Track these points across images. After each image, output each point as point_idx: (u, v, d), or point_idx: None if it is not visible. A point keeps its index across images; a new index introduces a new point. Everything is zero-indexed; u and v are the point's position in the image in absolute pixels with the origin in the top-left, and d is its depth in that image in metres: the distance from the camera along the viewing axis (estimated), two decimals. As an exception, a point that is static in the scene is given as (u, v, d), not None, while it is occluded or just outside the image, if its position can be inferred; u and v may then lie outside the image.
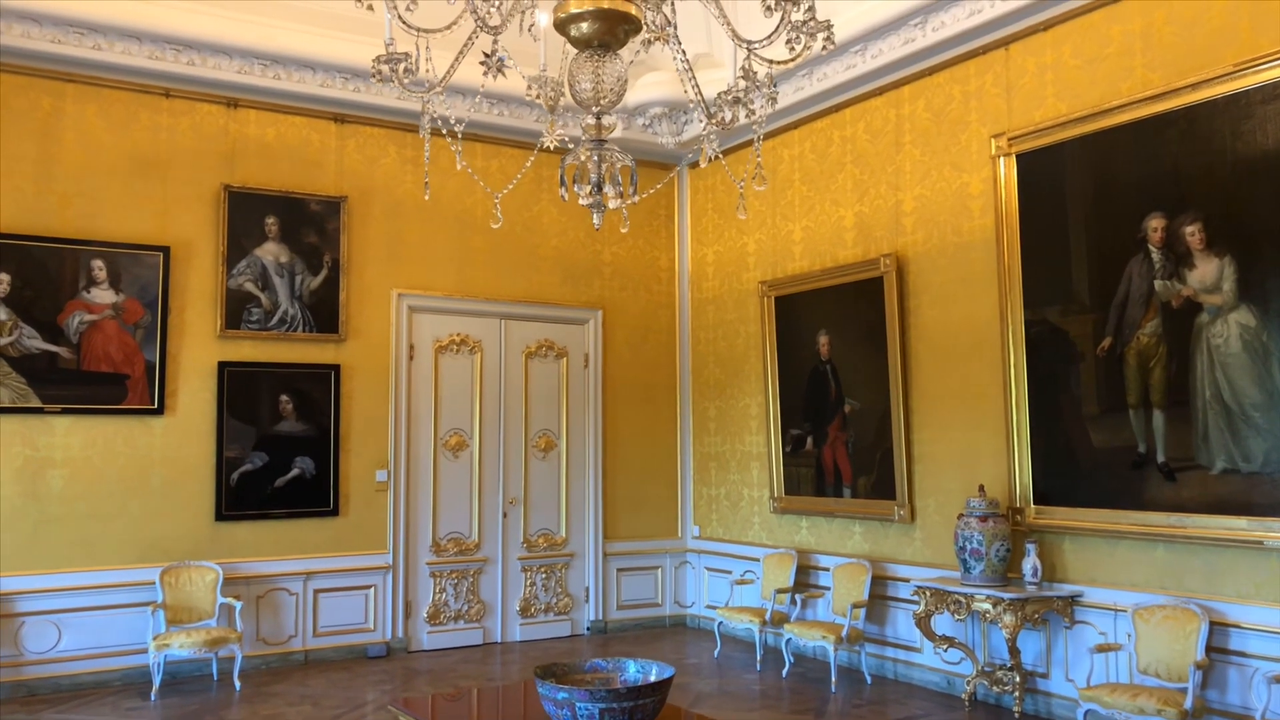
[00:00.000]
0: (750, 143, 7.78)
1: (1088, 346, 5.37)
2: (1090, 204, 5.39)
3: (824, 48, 3.08)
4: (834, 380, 7.01)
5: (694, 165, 8.38)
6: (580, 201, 3.11)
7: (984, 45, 6.02)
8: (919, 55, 6.35)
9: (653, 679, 3.12)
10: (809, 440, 7.21)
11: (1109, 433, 5.26)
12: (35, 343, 6.29)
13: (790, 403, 7.38)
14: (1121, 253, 5.21)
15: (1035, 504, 5.61)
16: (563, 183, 3.09)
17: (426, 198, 4.05)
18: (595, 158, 3.06)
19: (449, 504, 7.59)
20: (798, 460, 7.32)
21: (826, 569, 6.95)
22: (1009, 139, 5.77)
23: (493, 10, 2.83)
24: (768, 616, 6.89)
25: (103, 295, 6.47)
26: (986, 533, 5.50)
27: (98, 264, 6.46)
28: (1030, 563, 5.48)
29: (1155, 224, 5.06)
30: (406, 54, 3.02)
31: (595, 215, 3.12)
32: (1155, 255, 5.07)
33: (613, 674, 3.21)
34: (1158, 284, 5.06)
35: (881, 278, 6.58)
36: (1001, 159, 5.81)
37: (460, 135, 3.21)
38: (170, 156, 6.77)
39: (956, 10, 5.98)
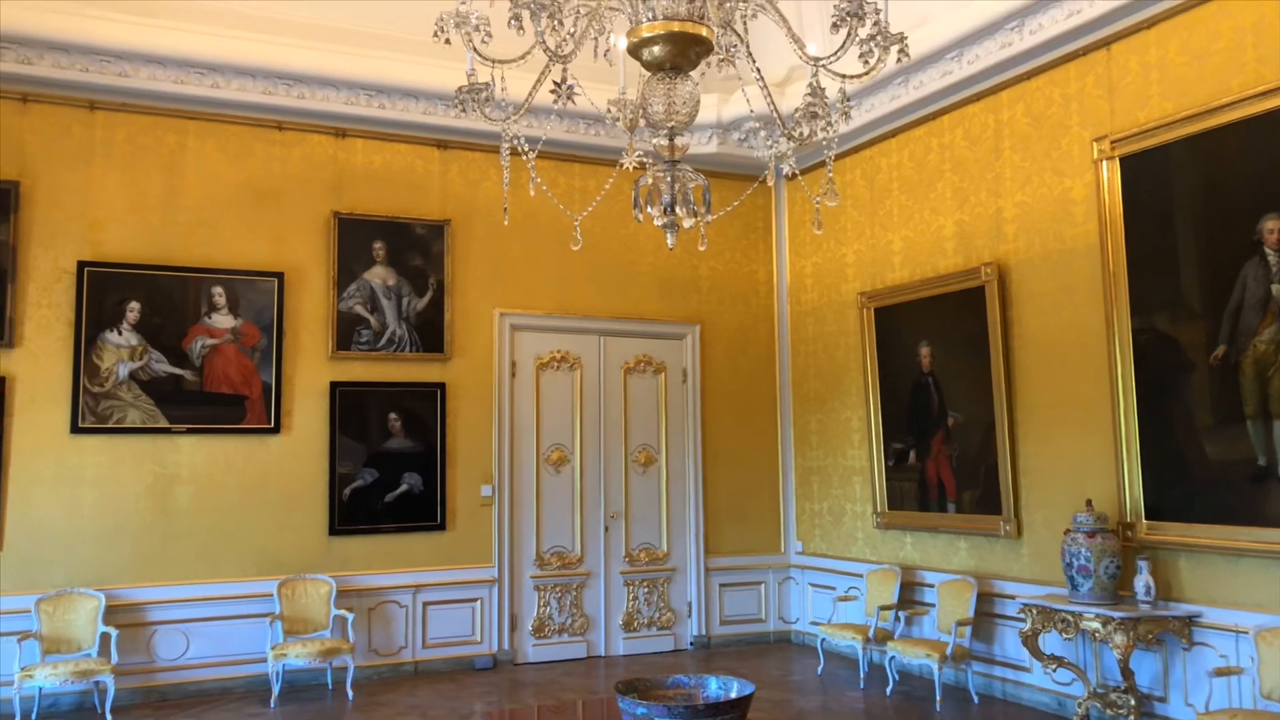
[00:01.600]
0: (842, 155, 7.73)
1: (1200, 355, 5.14)
2: (1200, 206, 5.17)
3: (899, 60, 3.06)
4: (936, 392, 6.87)
5: (790, 178, 8.35)
6: (655, 222, 3.15)
7: (1084, 46, 5.84)
8: (1017, 59, 6.20)
9: (733, 696, 3.12)
10: (911, 454, 7.08)
11: (1225, 445, 5.02)
12: (162, 366, 6.66)
13: (892, 416, 7.27)
14: (1235, 256, 4.98)
15: (1147, 519, 5.39)
16: (636, 204, 3.14)
17: (505, 222, 4.17)
18: (668, 178, 3.10)
19: (551, 518, 7.71)
20: (900, 474, 7.19)
21: (931, 585, 6.81)
22: (1112, 142, 5.58)
23: (565, 39, 2.90)
24: (871, 633, 6.79)
25: (222, 320, 6.82)
26: (1095, 549, 5.31)
27: (218, 290, 6.81)
28: (1143, 580, 5.26)
29: (1272, 225, 4.82)
30: (487, 84, 3.13)
31: (669, 235, 3.16)
32: (1272, 258, 4.83)
33: (694, 690, 3.23)
34: (1275, 288, 4.81)
35: (983, 287, 6.43)
36: (1104, 162, 5.62)
37: (534, 156, 3.29)
38: (283, 186, 7.10)
39: (1055, 11, 5.83)
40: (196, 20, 6.60)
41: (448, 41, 2.95)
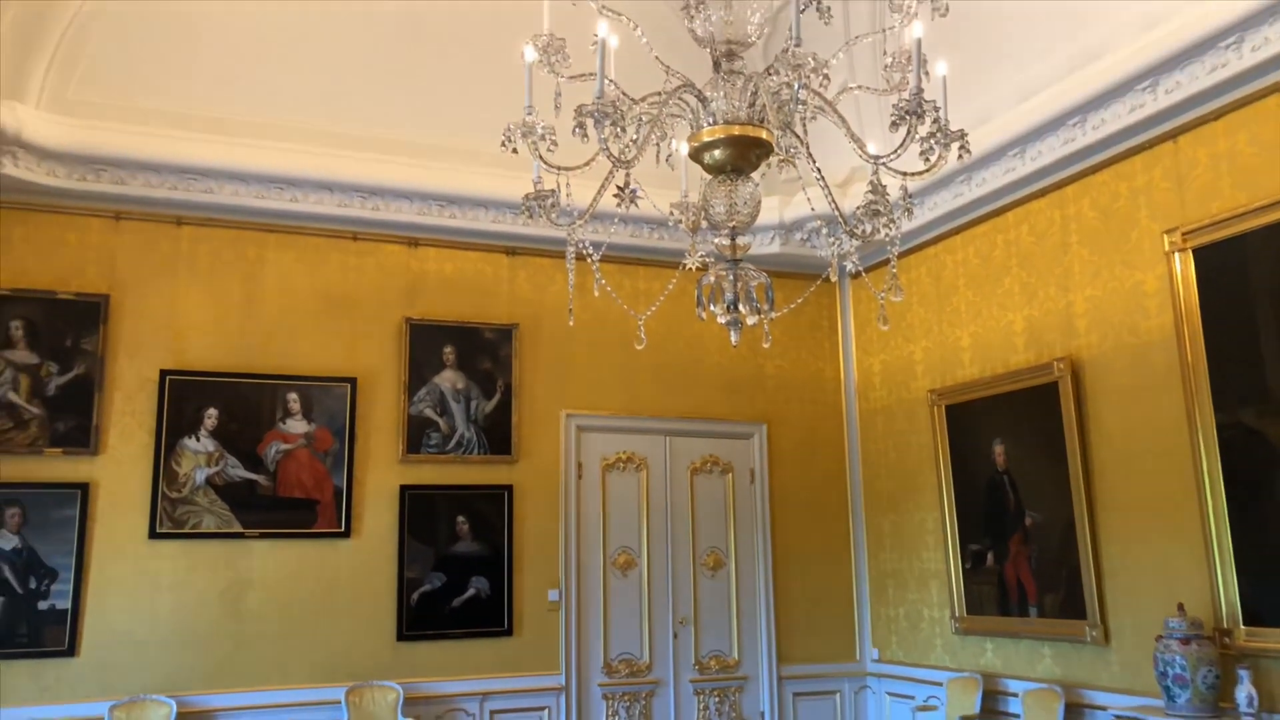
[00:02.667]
0: (906, 253, 7.72)
1: (1291, 449, 4.95)
2: (1280, 296, 5.04)
3: (960, 157, 3.07)
4: (1012, 491, 6.69)
5: (854, 276, 8.34)
6: (719, 320, 3.17)
7: (1149, 140, 5.81)
8: (1081, 154, 6.18)
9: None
10: (989, 556, 6.86)
11: (1324, 544, 4.78)
12: (238, 471, 6.79)
13: (967, 516, 7.07)
14: (1321, 347, 4.82)
15: (1245, 624, 5.11)
16: (700, 302, 3.16)
17: (570, 324, 4.22)
18: (731, 276, 3.12)
19: (619, 624, 7.59)
20: (979, 577, 6.96)
21: (1015, 694, 6.51)
22: (1183, 234, 5.50)
23: (628, 146, 2.97)
24: (953, 746, 6.49)
25: (296, 425, 6.95)
26: (1190, 656, 5.04)
27: (292, 396, 6.97)
28: (1245, 691, 4.96)
29: (1357, 314, 4.67)
30: (552, 191, 3.21)
31: (733, 333, 3.17)
32: (1360, 348, 4.66)
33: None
34: (1366, 379, 4.64)
35: (1056, 383, 6.30)
36: (1177, 254, 5.53)
37: (598, 259, 3.34)
38: (357, 293, 7.30)
39: (1117, 107, 5.82)
40: (277, 138, 6.92)
41: (514, 151, 3.04)
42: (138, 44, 6.53)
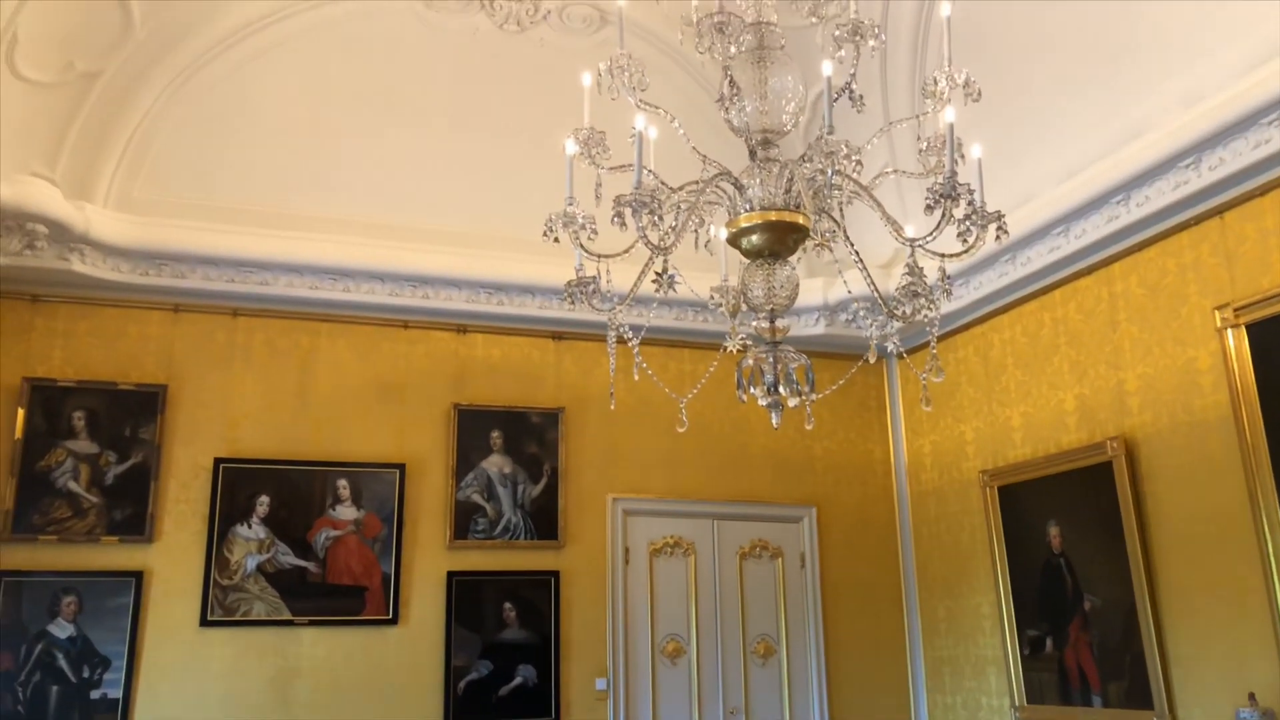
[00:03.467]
0: (953, 332, 7.69)
1: (1359, 529, 4.78)
2: (1339, 371, 4.93)
3: (998, 238, 3.09)
4: (1070, 575, 6.51)
5: (899, 358, 8.31)
6: (760, 402, 3.18)
7: (1195, 216, 5.77)
8: (1126, 231, 6.16)
9: None
10: (1048, 641, 6.66)
11: (1401, 629, 4.58)
12: (288, 559, 6.84)
13: (1024, 601, 6.89)
14: (1384, 423, 4.69)
15: (1321, 714, 4.89)
16: (740, 385, 3.18)
17: (612, 407, 4.25)
18: (770, 359, 3.14)
19: (669, 713, 7.43)
20: (1038, 664, 6.74)
21: (1082, 789, 6.25)
22: (1234, 310, 5.42)
23: (666, 233, 3.04)
24: (1018, 844, 6.22)
25: (346, 512, 7.02)
26: (1264, 748, 4.82)
27: (342, 483, 7.05)
28: (1324, 785, 4.73)
29: None
30: (594, 277, 3.27)
31: (774, 416, 3.18)
32: None
33: None
34: None
35: (1110, 462, 6.17)
36: (1229, 330, 5.45)
37: (638, 342, 3.39)
38: (406, 380, 7.42)
39: (1161, 184, 5.81)
40: (331, 231, 7.13)
41: (556, 240, 3.12)
42: (200, 143, 6.82)
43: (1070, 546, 6.53)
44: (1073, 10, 5.88)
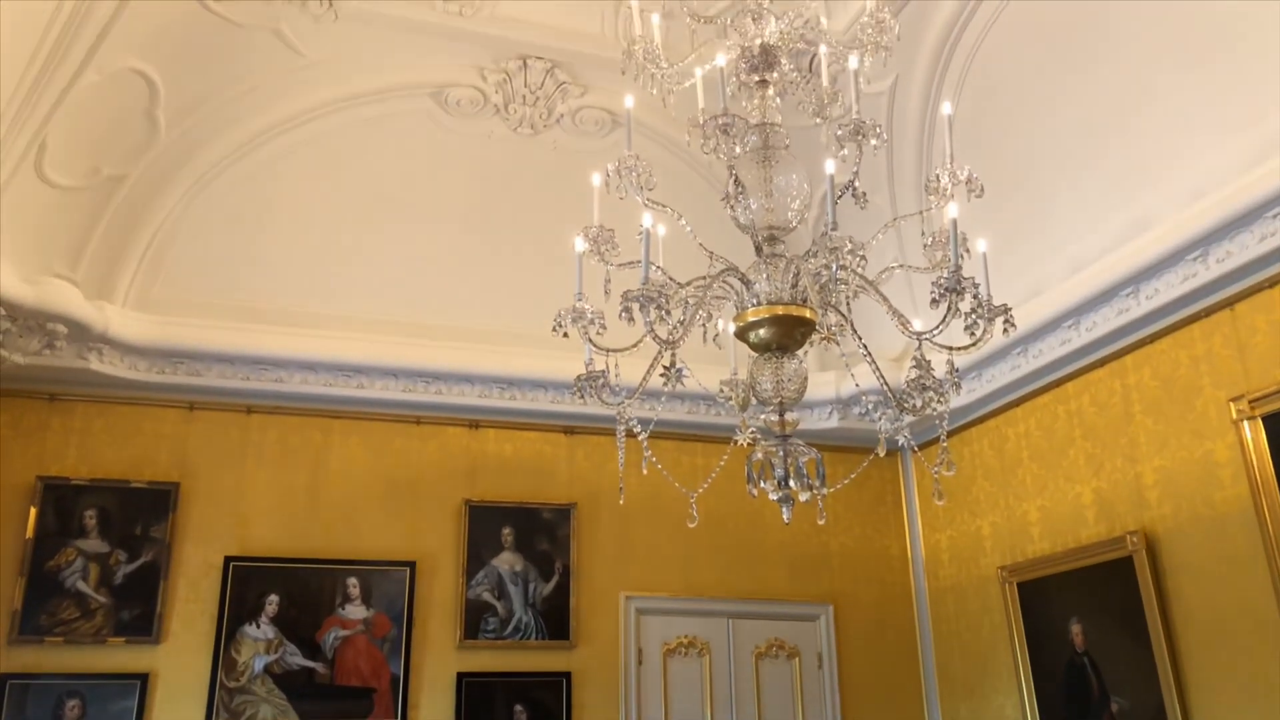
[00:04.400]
0: (967, 426, 7.66)
1: (1390, 626, 4.66)
2: (1359, 463, 4.86)
3: (1005, 331, 3.10)
4: (1095, 675, 6.33)
5: (914, 451, 8.27)
6: (770, 496, 3.16)
7: (1206, 308, 5.78)
8: (1137, 324, 6.16)
9: None
10: (1076, 745, 6.44)
11: None
12: (296, 659, 6.74)
13: (1049, 702, 6.69)
14: None
15: (1364, 822, 4.69)
16: (750, 479, 3.16)
17: (621, 502, 4.23)
18: (780, 453, 3.13)
19: (684, 821, 7.19)
20: (1066, 769, 6.52)
21: None
22: (1250, 401, 5.39)
23: (674, 328, 3.06)
24: None
25: (355, 611, 6.93)
26: None
27: (352, 581, 6.98)
28: None
29: None
30: (603, 372, 3.29)
31: (785, 510, 3.15)
32: None
33: None
34: None
35: (1131, 557, 6.06)
36: (1245, 422, 5.40)
37: (646, 436, 3.38)
38: (419, 476, 7.40)
39: (1169, 277, 5.84)
40: (346, 328, 7.20)
41: (565, 335, 3.15)
42: (219, 243, 6.96)
43: (1094, 645, 6.37)
44: (1075, 107, 6.00)
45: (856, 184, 3.25)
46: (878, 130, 3.25)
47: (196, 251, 6.92)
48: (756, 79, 3.54)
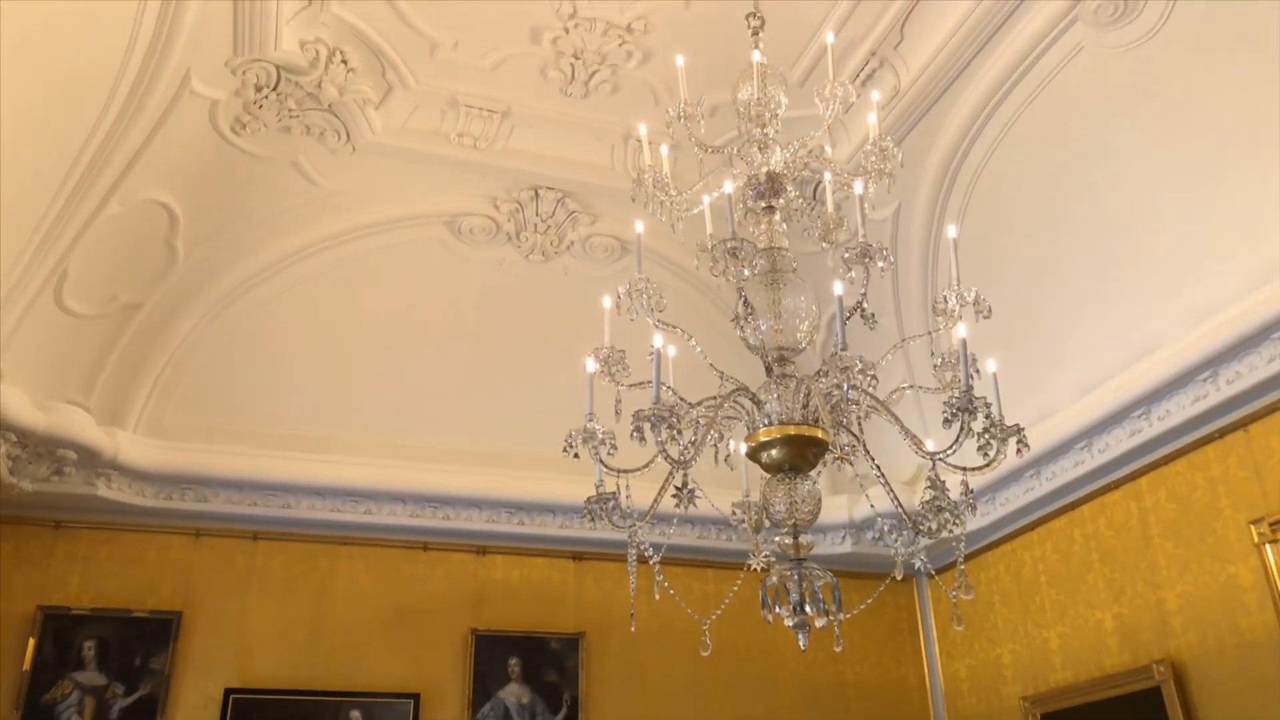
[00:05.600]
0: (983, 550, 7.53)
1: None
2: (1388, 587, 4.75)
3: (1019, 452, 3.08)
4: (1128, 813, 6.05)
5: (930, 576, 8.11)
6: (786, 622, 3.08)
7: (1219, 429, 5.74)
8: (1150, 445, 6.11)
9: None
10: None
11: None
12: (294, 797, 6.49)
13: (1080, 843, 6.38)
14: None
15: None
16: (764, 604, 3.10)
17: (633, 629, 4.12)
18: (795, 577, 3.07)
19: None
20: None
21: None
22: (1270, 524, 5.30)
23: (686, 448, 3.05)
24: None
25: (357, 745, 6.71)
26: None
27: (355, 714, 6.77)
28: None
29: None
30: (614, 493, 3.26)
31: (800, 637, 3.07)
32: None
33: None
34: None
35: (1158, 688, 5.86)
36: (1267, 546, 5.30)
37: (658, 560, 3.33)
38: (424, 604, 7.26)
39: (1180, 398, 5.82)
40: (355, 453, 7.19)
41: (575, 456, 3.14)
42: (231, 369, 7.01)
43: (1125, 780, 6.11)
44: (1078, 229, 6.10)
45: (865, 305, 3.28)
46: (884, 252, 3.30)
47: (209, 377, 6.97)
48: (763, 205, 3.62)
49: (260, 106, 5.87)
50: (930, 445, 3.18)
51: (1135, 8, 5.19)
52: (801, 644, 3.10)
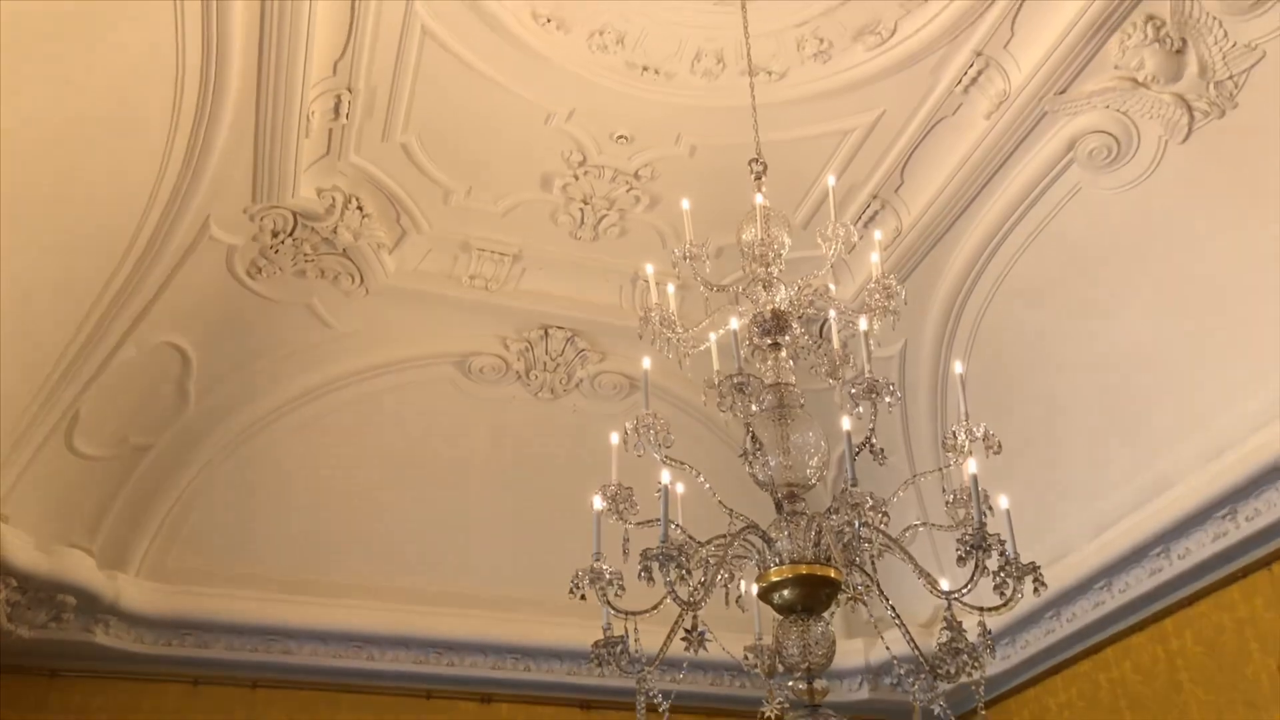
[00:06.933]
0: (1004, 695, 7.27)
1: None
2: None
3: (1036, 591, 3.00)
4: None
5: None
6: (803, 774, 2.95)
7: (1242, 567, 5.60)
8: (1172, 585, 5.95)
9: None
10: None
11: None
12: None
13: None
14: None
15: None
16: (780, 755, 2.97)
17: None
18: (809, 724, 2.95)
19: None
20: None
21: None
22: (1303, 668, 5.12)
23: (695, 589, 2.98)
24: None
25: None
26: None
27: None
28: None
29: None
30: (622, 637, 3.17)
31: (818, 788, 2.93)
32: None
33: None
34: None
35: (1199, 845, 5.56)
36: (1300, 690, 5.11)
37: (666, 707, 3.21)
38: (427, 755, 6.98)
39: (1199, 535, 5.70)
40: (359, 596, 7.03)
41: (582, 597, 3.07)
42: (237, 512, 6.94)
43: None
44: (1084, 365, 6.12)
45: (874, 440, 3.26)
46: (891, 388, 3.30)
47: (214, 520, 6.90)
48: (769, 342, 3.64)
49: (276, 251, 6.01)
50: (945, 584, 3.11)
51: (1129, 151, 5.36)
52: (820, 796, 2.96)
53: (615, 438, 3.45)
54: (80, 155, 4.74)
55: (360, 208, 6.00)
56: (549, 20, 5.16)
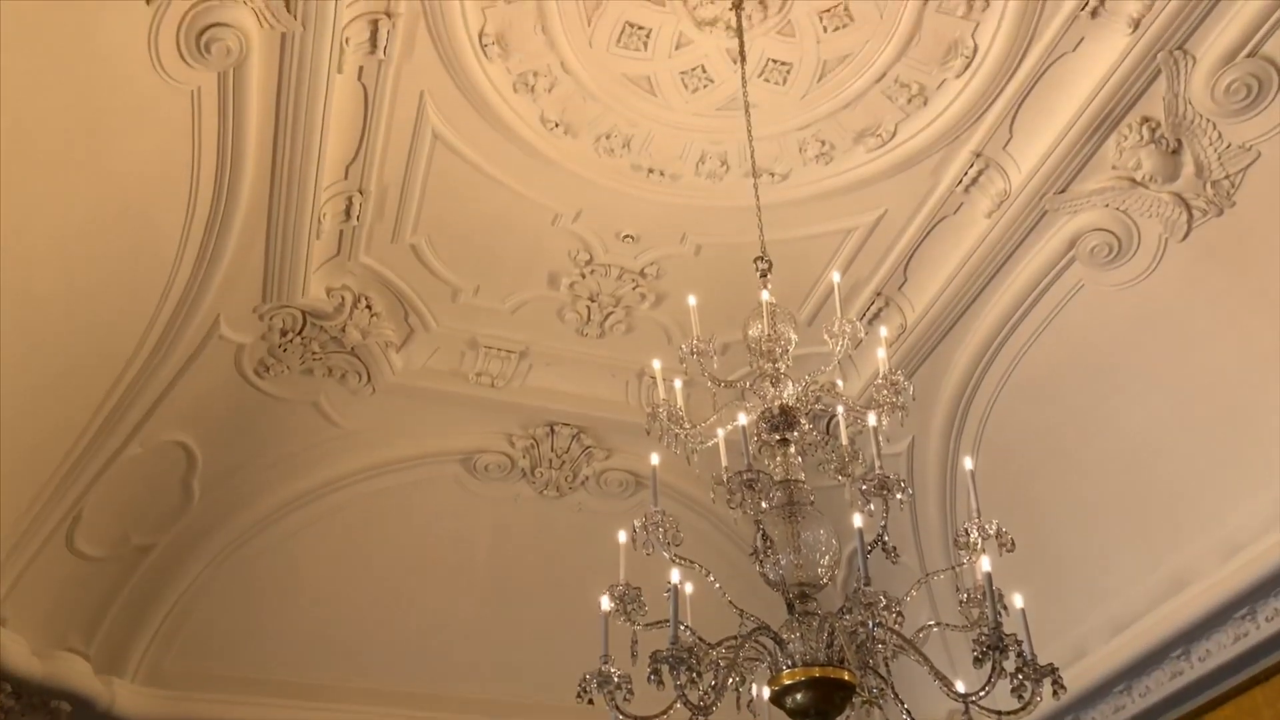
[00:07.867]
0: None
1: None
2: None
3: (1055, 694, 2.93)
4: None
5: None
6: None
7: (1265, 669, 5.45)
8: (1194, 688, 5.77)
9: None
10: None
11: None
12: None
13: None
14: None
15: None
16: None
17: None
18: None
19: None
20: None
21: None
22: (1334, 763, 4.94)
23: (706, 693, 2.91)
24: None
25: None
26: None
27: None
28: None
29: None
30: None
31: None
32: None
33: None
34: None
35: None
36: (1332, 787, 4.92)
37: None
38: None
39: (1219, 637, 5.56)
40: (359, 701, 6.81)
41: (590, 701, 2.99)
42: (237, 614, 6.81)
43: None
44: (1093, 462, 6.06)
45: (886, 538, 3.21)
46: (902, 484, 3.27)
47: (214, 622, 6.77)
48: (778, 438, 3.62)
49: (284, 350, 6.03)
50: (961, 687, 3.03)
51: (1130, 248, 5.41)
52: None
53: (623, 536, 3.41)
54: (92, 255, 4.79)
55: (369, 307, 6.04)
56: (557, 125, 5.27)
